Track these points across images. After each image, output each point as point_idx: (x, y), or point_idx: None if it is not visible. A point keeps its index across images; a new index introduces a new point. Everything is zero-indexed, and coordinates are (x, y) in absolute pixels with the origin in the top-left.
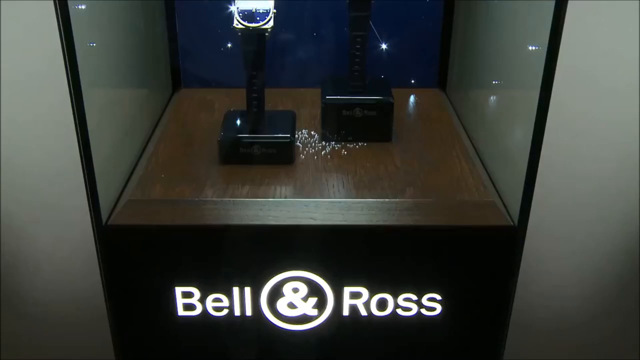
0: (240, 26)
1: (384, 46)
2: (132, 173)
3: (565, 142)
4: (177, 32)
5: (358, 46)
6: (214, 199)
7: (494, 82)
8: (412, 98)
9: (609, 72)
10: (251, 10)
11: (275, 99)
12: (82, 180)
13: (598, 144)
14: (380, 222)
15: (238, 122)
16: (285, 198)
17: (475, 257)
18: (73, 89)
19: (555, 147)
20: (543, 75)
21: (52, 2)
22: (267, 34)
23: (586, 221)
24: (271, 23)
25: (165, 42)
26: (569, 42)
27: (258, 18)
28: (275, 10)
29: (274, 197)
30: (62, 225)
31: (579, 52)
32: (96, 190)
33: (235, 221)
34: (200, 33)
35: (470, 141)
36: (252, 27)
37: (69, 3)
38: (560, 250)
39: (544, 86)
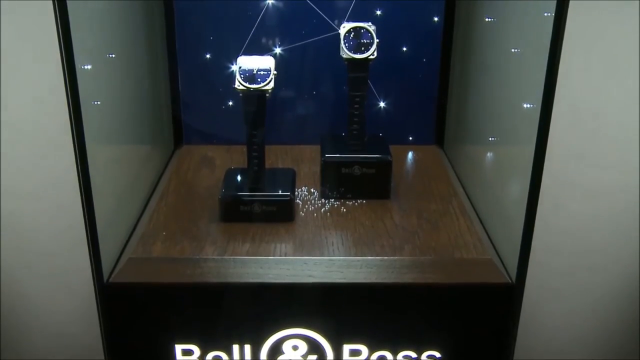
0: (241, 87)
1: (382, 104)
2: (133, 230)
3: (561, 198)
4: (180, 90)
5: (357, 106)
6: (215, 257)
7: (490, 138)
8: (410, 155)
9: (603, 127)
10: (252, 70)
11: (276, 156)
12: (84, 237)
13: (594, 199)
14: (379, 280)
15: (239, 180)
16: (285, 256)
17: (473, 314)
18: (77, 146)
19: (552, 204)
20: (538, 133)
21: (59, 61)
22: (267, 94)
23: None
24: (272, 84)
25: (167, 99)
26: (563, 99)
27: (259, 79)
28: (276, 72)
29: (273, 255)
30: (63, 282)
31: (573, 109)
32: (98, 249)
33: (235, 279)
34: (202, 91)
35: (468, 197)
36: (253, 88)
37: (76, 62)
38: (557, 305)
39: (539, 143)
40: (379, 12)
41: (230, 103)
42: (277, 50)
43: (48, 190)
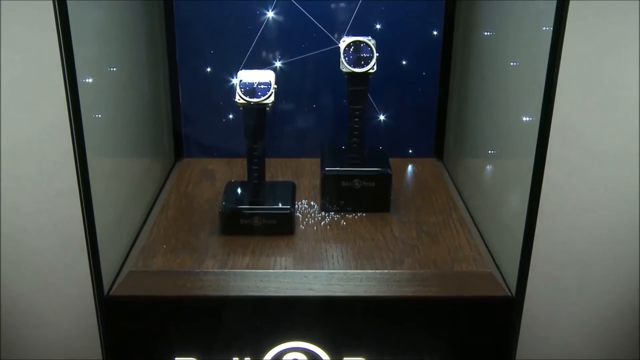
0: (241, 101)
1: (382, 117)
2: (134, 243)
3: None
4: (180, 103)
5: (356, 119)
6: (215, 270)
7: (489, 151)
8: (409, 168)
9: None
10: (253, 84)
11: (276, 169)
12: (85, 250)
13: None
14: (379, 293)
15: (239, 193)
16: (285, 269)
17: (473, 328)
18: (78, 159)
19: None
20: (537, 145)
21: (61, 75)
22: (267, 108)
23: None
24: (272, 98)
25: (168, 112)
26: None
27: (259, 93)
28: (276, 86)
29: (274, 269)
30: (63, 295)
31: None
32: (99, 262)
33: (236, 292)
34: (203, 104)
35: (468, 210)
36: (253, 102)
37: (78, 75)
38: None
39: (538, 156)
40: (378, 26)
41: (231, 116)
42: (278, 64)
43: (49, 203)
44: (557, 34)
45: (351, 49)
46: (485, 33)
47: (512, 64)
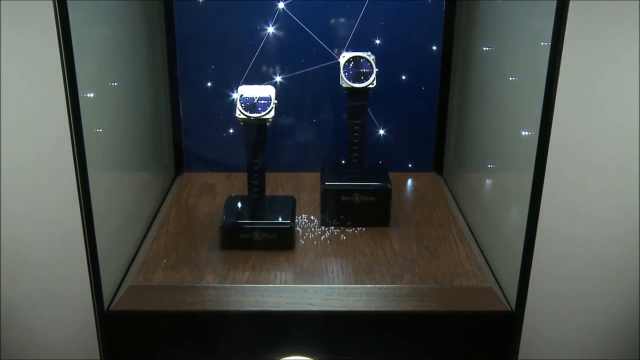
0: (242, 116)
1: (381, 132)
2: (134, 257)
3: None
4: (181, 118)
5: (356, 134)
6: (215, 284)
7: (488, 165)
8: (409, 182)
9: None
10: (253, 99)
11: (276, 183)
12: (85, 264)
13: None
14: (379, 308)
15: (239, 207)
16: (285, 284)
17: (473, 342)
18: (79, 173)
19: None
20: (536, 160)
21: (62, 90)
22: (268, 123)
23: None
24: (272, 113)
25: (169, 127)
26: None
27: (259, 108)
28: (276, 101)
29: (274, 283)
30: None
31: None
32: (99, 277)
33: (236, 307)
34: (203, 119)
35: (467, 224)
36: (253, 117)
37: (79, 90)
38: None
39: (537, 170)
40: (378, 42)
41: (231, 131)
42: (278, 79)
43: (49, 217)
44: (555, 49)
45: (351, 64)
46: (484, 48)
47: (511, 78)
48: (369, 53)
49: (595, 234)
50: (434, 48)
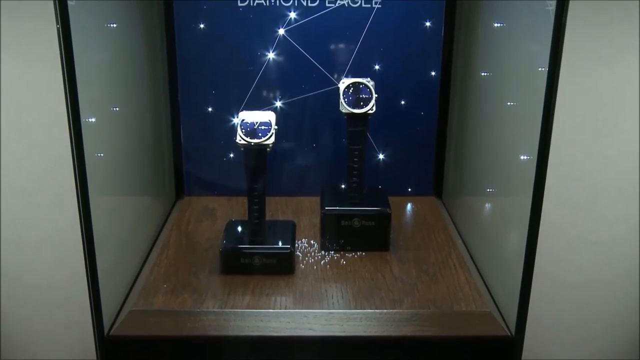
0: (242, 142)
1: (381, 156)
2: (134, 282)
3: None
4: (182, 142)
5: (356, 159)
6: (215, 309)
7: (487, 190)
8: (409, 206)
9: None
10: (254, 124)
11: (276, 207)
12: (85, 289)
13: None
14: (379, 333)
15: (239, 232)
16: (285, 309)
17: None
18: (81, 198)
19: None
20: (534, 184)
21: (65, 114)
22: (268, 149)
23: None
24: (272, 139)
25: (169, 151)
26: (559, 151)
27: (260, 134)
28: (276, 127)
29: (273, 308)
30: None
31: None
32: (99, 301)
33: (236, 332)
34: (204, 143)
35: (467, 248)
36: (254, 142)
37: (81, 115)
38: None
39: (535, 194)
40: (377, 67)
41: (231, 155)
42: (278, 104)
43: (49, 241)
44: (552, 74)
45: (350, 90)
46: (483, 74)
47: (509, 103)
48: (369, 79)
49: (594, 258)
50: (433, 73)
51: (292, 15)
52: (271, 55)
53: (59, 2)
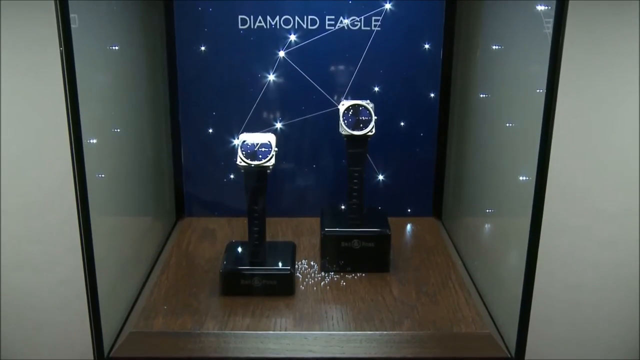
0: (243, 164)
1: (380, 177)
2: (134, 303)
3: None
4: (183, 163)
5: (355, 180)
6: (215, 331)
7: (487, 210)
8: (408, 227)
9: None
10: (254, 146)
11: (276, 228)
12: (85, 310)
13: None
14: (379, 355)
15: (239, 253)
16: (285, 331)
17: None
18: (82, 220)
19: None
20: (533, 205)
21: (67, 136)
22: (268, 171)
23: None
24: (273, 161)
25: (170, 172)
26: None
27: (260, 156)
28: (277, 149)
29: (274, 330)
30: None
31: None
32: (99, 323)
33: (236, 354)
34: (204, 164)
35: (466, 269)
36: (254, 164)
37: (83, 137)
38: None
39: (534, 215)
40: (377, 89)
41: (232, 176)
42: (278, 125)
43: (50, 262)
44: (550, 96)
45: (350, 112)
46: (481, 95)
47: (507, 125)
48: (368, 101)
49: (594, 280)
50: (432, 95)
51: (293, 37)
52: (271, 77)
53: (62, 26)
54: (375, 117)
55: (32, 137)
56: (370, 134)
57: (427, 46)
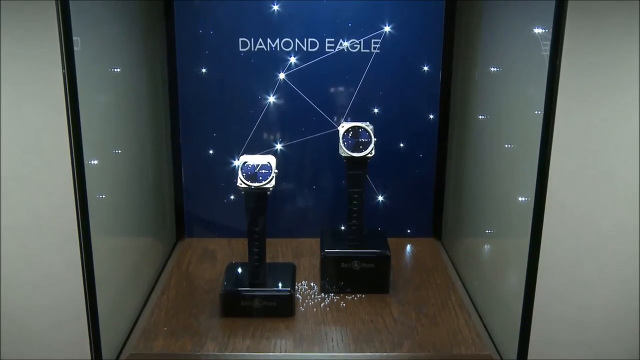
0: (243, 185)
1: (380, 198)
2: (135, 325)
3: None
4: (183, 184)
5: (355, 202)
6: (215, 352)
7: (486, 231)
8: (408, 248)
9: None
10: (255, 167)
11: (276, 249)
12: (85, 332)
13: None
14: None
15: (239, 274)
16: (285, 352)
17: None
18: (82, 241)
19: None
20: (532, 225)
21: (68, 157)
22: (268, 192)
23: None
24: (273, 183)
25: (171, 193)
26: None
27: (260, 178)
28: (277, 171)
29: (273, 352)
30: None
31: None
32: (100, 345)
33: None
34: (205, 185)
35: (466, 290)
36: (254, 186)
37: (84, 158)
38: None
39: (533, 235)
40: (376, 110)
41: (232, 197)
42: (278, 146)
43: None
44: (548, 117)
45: (350, 134)
46: (480, 117)
47: (506, 146)
48: (367, 123)
49: (594, 300)
50: (431, 117)
51: (293, 60)
52: (272, 99)
53: (65, 48)
54: (375, 139)
55: (33, 157)
56: (369, 155)
57: (426, 68)
